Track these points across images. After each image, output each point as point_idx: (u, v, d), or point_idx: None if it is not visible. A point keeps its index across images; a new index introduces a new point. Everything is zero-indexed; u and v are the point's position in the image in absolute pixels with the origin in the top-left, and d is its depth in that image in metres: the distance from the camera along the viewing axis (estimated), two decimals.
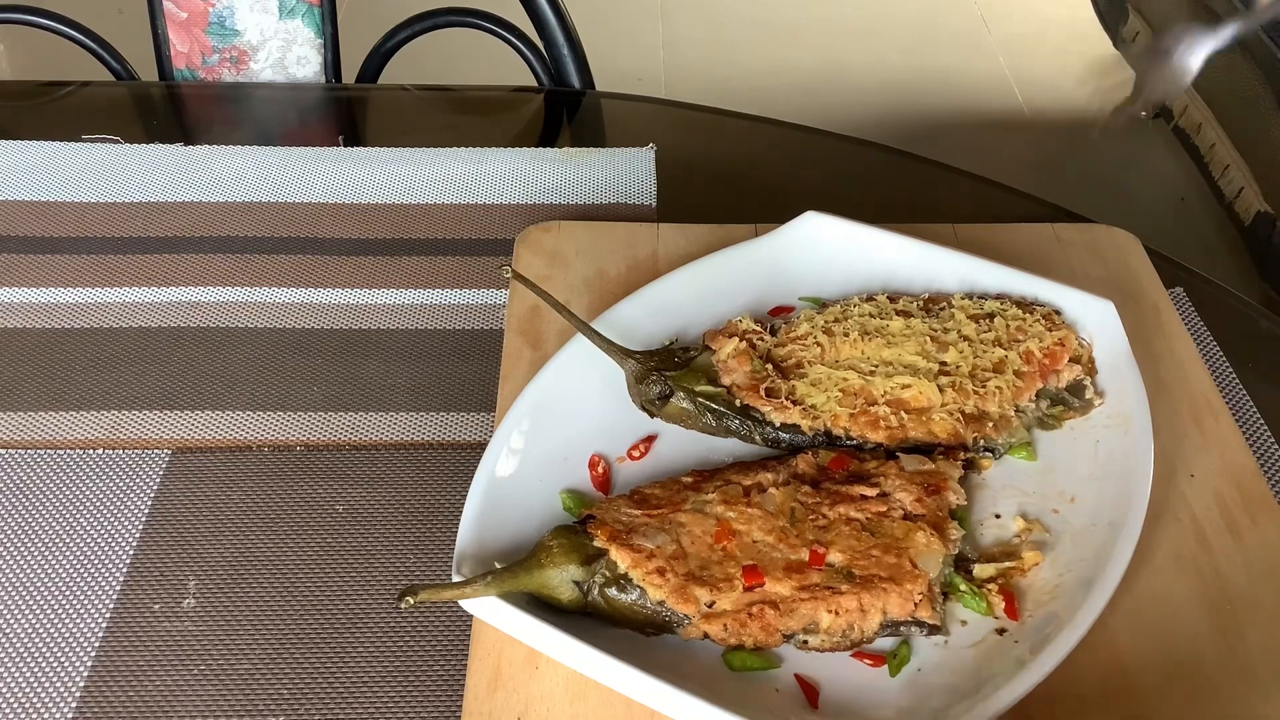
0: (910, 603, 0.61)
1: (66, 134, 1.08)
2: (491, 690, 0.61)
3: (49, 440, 0.79)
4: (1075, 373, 0.75)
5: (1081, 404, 0.74)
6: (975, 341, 0.75)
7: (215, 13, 1.25)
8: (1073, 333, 0.76)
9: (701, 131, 1.16)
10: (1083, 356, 0.75)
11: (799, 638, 0.62)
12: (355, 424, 0.81)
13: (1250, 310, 0.93)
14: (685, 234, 0.90)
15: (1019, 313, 0.76)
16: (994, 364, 0.73)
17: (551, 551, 0.63)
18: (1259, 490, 0.71)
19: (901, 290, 0.81)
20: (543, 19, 1.27)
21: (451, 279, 0.93)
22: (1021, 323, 0.75)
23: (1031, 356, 0.73)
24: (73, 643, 0.68)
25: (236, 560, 0.72)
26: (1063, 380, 0.74)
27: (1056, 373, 0.74)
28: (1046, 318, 0.76)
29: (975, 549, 0.67)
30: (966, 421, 0.71)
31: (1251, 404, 0.82)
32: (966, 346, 0.74)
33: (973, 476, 0.71)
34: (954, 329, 0.75)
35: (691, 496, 0.66)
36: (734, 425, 0.73)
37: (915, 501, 0.66)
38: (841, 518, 0.65)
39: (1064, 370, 0.74)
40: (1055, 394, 0.74)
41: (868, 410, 0.71)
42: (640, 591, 0.62)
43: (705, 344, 0.76)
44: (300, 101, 1.23)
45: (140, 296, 0.91)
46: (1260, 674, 0.62)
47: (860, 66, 2.87)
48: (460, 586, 0.61)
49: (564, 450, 0.72)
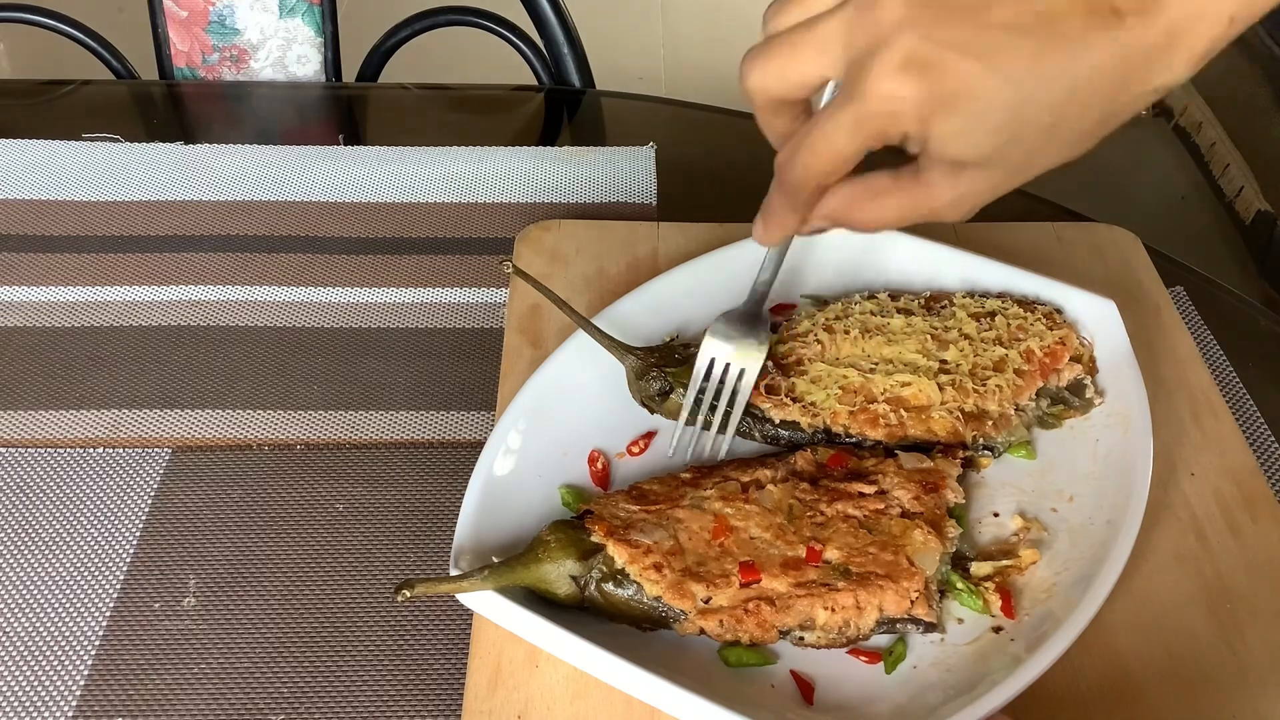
0: (907, 600, 0.61)
1: (67, 132, 1.08)
2: (492, 689, 0.61)
3: (49, 439, 0.79)
4: (1076, 371, 0.74)
5: (1082, 403, 0.74)
6: (976, 340, 0.74)
7: (215, 11, 1.25)
8: (1074, 331, 0.75)
9: (702, 130, 1.16)
10: (1084, 355, 0.75)
11: (795, 634, 0.62)
12: (355, 422, 0.81)
13: (1251, 309, 0.93)
14: (686, 233, 0.90)
15: (1020, 311, 0.76)
16: (994, 363, 0.73)
17: (549, 546, 0.63)
18: (1259, 489, 0.71)
19: (903, 288, 0.81)
20: (543, 18, 1.27)
21: (451, 278, 0.93)
22: (1023, 321, 0.75)
23: (1032, 355, 0.73)
24: (73, 641, 0.68)
25: (237, 559, 0.72)
26: (1063, 379, 0.74)
27: (1057, 371, 0.74)
28: (1048, 316, 0.76)
29: (973, 547, 0.67)
30: (966, 420, 0.71)
31: (1251, 403, 0.82)
32: (967, 345, 0.74)
33: (971, 475, 0.71)
34: (955, 327, 0.75)
35: (690, 492, 0.66)
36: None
37: (913, 499, 0.66)
38: (839, 515, 0.65)
39: (1065, 369, 0.74)
40: (1056, 393, 0.74)
41: (867, 408, 0.71)
42: (637, 587, 0.62)
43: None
44: (300, 100, 1.23)
45: (140, 295, 0.91)
46: (1260, 673, 0.62)
47: None
48: (457, 580, 0.61)
49: (563, 446, 0.72)
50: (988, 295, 0.79)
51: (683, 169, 1.05)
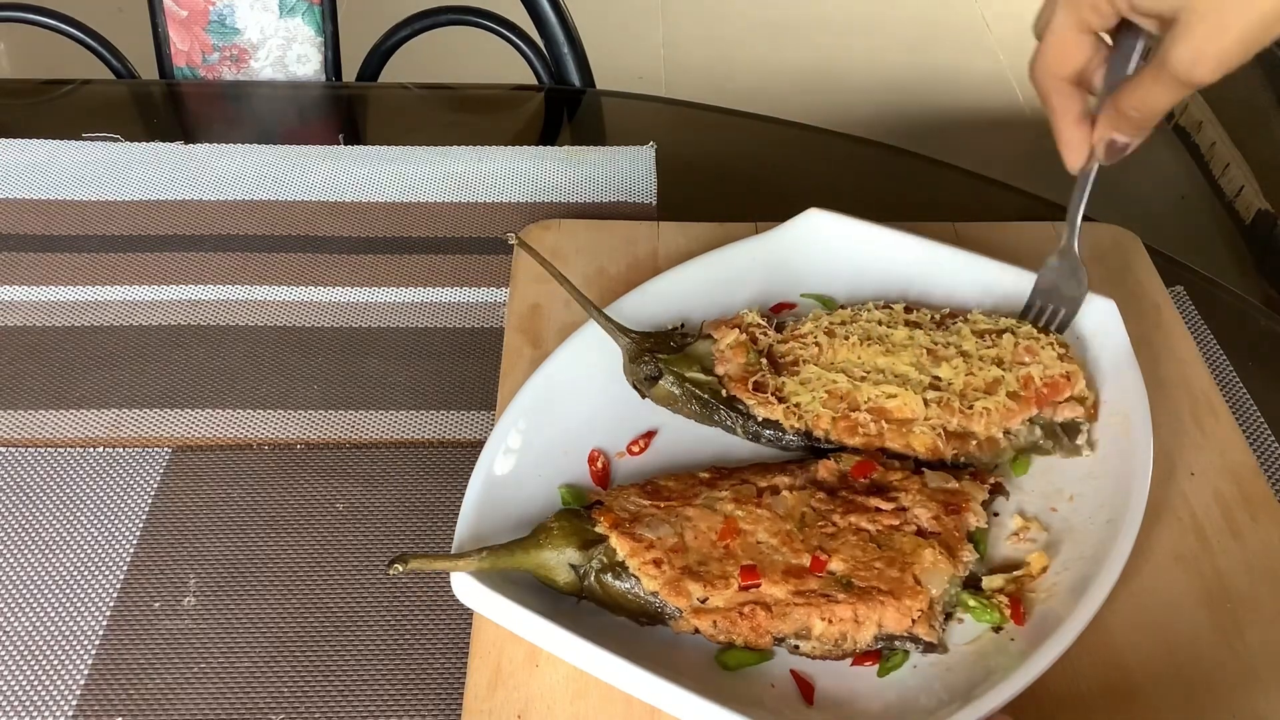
0: (908, 618, 0.61)
1: (67, 132, 1.08)
2: (492, 689, 0.61)
3: (49, 439, 0.79)
4: (1076, 413, 0.72)
5: (1069, 446, 0.71)
6: (973, 358, 0.73)
7: (215, 11, 1.25)
8: (1082, 372, 0.73)
9: (702, 130, 1.16)
10: (1088, 400, 0.72)
11: (790, 642, 0.61)
12: (355, 422, 0.81)
13: (1250, 309, 0.93)
14: (685, 232, 0.90)
15: (1033, 331, 0.74)
16: (987, 384, 0.71)
17: (551, 533, 0.63)
18: (1259, 489, 0.71)
19: (921, 300, 0.79)
20: (543, 17, 1.27)
21: (452, 277, 0.93)
22: (1032, 344, 0.73)
23: (1030, 382, 0.71)
24: (73, 640, 0.68)
25: (237, 558, 0.72)
26: (1060, 414, 0.72)
27: (1054, 405, 0.71)
28: (1061, 345, 0.73)
29: (987, 564, 0.66)
30: (949, 438, 0.70)
31: (1251, 402, 0.82)
32: (961, 362, 0.72)
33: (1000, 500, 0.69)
34: (955, 343, 0.74)
35: (704, 492, 0.66)
36: (719, 415, 0.73)
37: (932, 519, 0.65)
38: (851, 527, 0.64)
39: (1064, 405, 0.71)
40: (1048, 425, 0.72)
41: (849, 415, 0.71)
42: (635, 580, 0.62)
43: (706, 332, 0.76)
44: (300, 100, 1.23)
45: (140, 295, 0.91)
46: (1260, 673, 0.62)
47: (861, 65, 2.87)
48: (453, 558, 0.61)
49: (563, 445, 0.72)
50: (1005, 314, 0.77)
51: (683, 169, 1.05)
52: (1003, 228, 0.91)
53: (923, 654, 0.62)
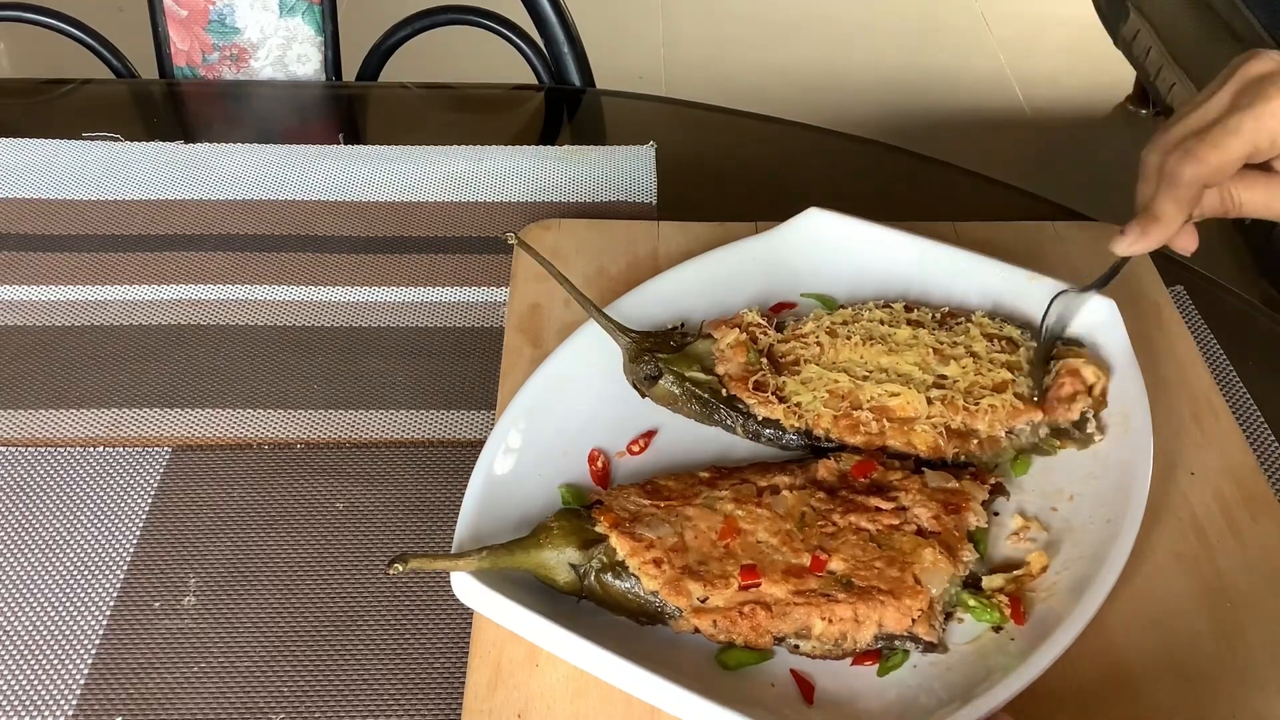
0: (908, 618, 0.61)
1: (67, 132, 1.08)
2: (492, 688, 0.61)
3: (49, 438, 0.79)
4: (1085, 404, 0.71)
5: (1082, 436, 0.71)
6: (984, 359, 0.73)
7: (215, 10, 1.25)
8: (1090, 363, 0.73)
9: (702, 129, 1.16)
10: (1095, 388, 0.72)
11: (790, 642, 0.62)
12: (355, 422, 0.81)
13: (1250, 309, 0.92)
14: (685, 232, 0.90)
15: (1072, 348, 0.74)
16: (995, 384, 0.72)
17: (551, 532, 0.63)
18: (1259, 488, 0.71)
19: (920, 300, 0.80)
20: (543, 17, 1.27)
21: (451, 277, 0.93)
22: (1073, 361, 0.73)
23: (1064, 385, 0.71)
24: (73, 639, 0.68)
25: (236, 558, 0.72)
26: (1074, 413, 0.71)
27: (1065, 404, 0.71)
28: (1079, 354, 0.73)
29: (988, 563, 0.66)
30: (951, 436, 0.70)
31: (1252, 402, 0.82)
32: (971, 363, 0.73)
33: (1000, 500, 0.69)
34: (964, 344, 0.74)
35: (704, 492, 0.66)
36: (719, 415, 0.73)
37: (932, 519, 0.65)
38: (851, 526, 0.65)
39: (1077, 403, 0.71)
40: (1056, 424, 0.72)
41: (850, 414, 0.71)
42: (635, 580, 0.62)
43: (706, 332, 0.76)
44: (300, 99, 1.23)
45: (141, 294, 0.91)
46: (1260, 673, 0.62)
47: (861, 64, 2.87)
48: (453, 558, 0.61)
49: (563, 445, 0.72)
50: (1012, 320, 0.77)
51: (683, 168, 1.05)
52: (1003, 228, 0.91)
53: (923, 653, 0.62)
